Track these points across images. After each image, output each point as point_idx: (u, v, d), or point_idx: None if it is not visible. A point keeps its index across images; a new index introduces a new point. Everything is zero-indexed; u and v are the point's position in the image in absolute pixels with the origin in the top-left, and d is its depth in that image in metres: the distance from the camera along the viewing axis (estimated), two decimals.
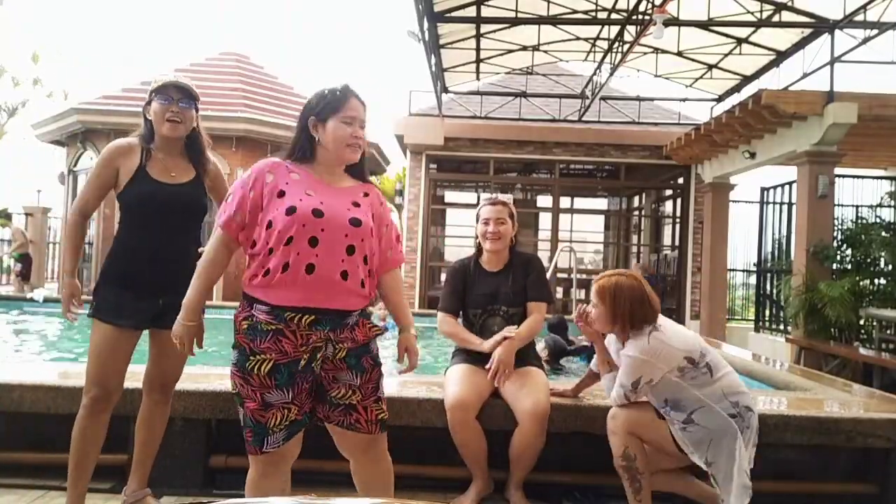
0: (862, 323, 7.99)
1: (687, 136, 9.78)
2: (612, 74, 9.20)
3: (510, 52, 10.44)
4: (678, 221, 11.60)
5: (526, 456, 2.70)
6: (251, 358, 1.87)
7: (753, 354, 5.16)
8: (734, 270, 11.63)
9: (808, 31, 8.50)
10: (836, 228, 8.13)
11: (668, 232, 12.76)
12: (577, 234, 12.48)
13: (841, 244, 8.07)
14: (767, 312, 10.30)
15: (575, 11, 8.87)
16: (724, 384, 2.47)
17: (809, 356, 7.49)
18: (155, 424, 2.54)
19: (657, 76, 10.92)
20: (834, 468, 2.93)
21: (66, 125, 10.70)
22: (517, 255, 3.07)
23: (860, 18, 7.66)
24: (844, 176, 9.14)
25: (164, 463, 2.65)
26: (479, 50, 10.16)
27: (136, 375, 2.99)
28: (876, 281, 8.11)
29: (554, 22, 8.94)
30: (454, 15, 8.57)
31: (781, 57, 9.35)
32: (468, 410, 2.70)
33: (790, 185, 9.28)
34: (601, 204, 15.25)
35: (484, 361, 2.85)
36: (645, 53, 10.06)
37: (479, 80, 11.68)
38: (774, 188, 10.05)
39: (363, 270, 1.96)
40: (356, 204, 2.01)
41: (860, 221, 8.45)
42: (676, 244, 11.64)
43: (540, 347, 5.77)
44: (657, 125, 11.50)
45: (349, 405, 1.95)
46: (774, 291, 9.88)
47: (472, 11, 8.73)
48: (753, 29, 8.74)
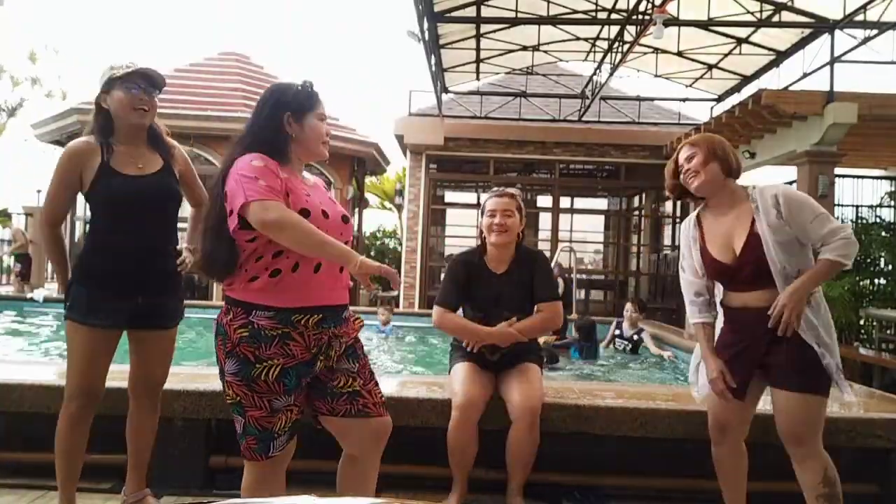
0: (862, 323, 7.98)
1: (687, 136, 9.78)
2: (612, 74, 9.19)
3: (510, 52, 10.43)
4: (678, 221, 11.59)
5: (522, 456, 2.65)
6: (256, 365, 1.80)
7: None
8: None
9: (808, 31, 8.50)
10: None
11: (668, 232, 12.76)
12: (577, 234, 12.49)
13: None
14: None
15: (575, 11, 8.86)
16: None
17: None
18: (145, 431, 2.48)
19: (657, 76, 10.91)
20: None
21: (65, 125, 10.67)
22: (523, 252, 2.91)
23: (860, 18, 7.66)
24: (844, 176, 9.13)
25: (164, 463, 2.65)
26: (479, 50, 10.16)
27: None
28: (876, 281, 8.11)
29: (554, 22, 8.93)
30: (454, 15, 8.57)
31: (781, 57, 9.35)
32: (476, 411, 2.66)
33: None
34: (601, 204, 15.25)
35: (485, 358, 2.82)
36: (645, 53, 10.05)
37: (479, 80, 11.67)
38: None
39: None
40: (331, 200, 2.06)
41: (860, 221, 8.45)
42: (676, 244, 11.63)
43: (630, 308, 6.35)
44: (657, 125, 11.49)
45: (353, 392, 1.97)
46: None
47: (472, 11, 8.73)
48: (753, 29, 8.73)
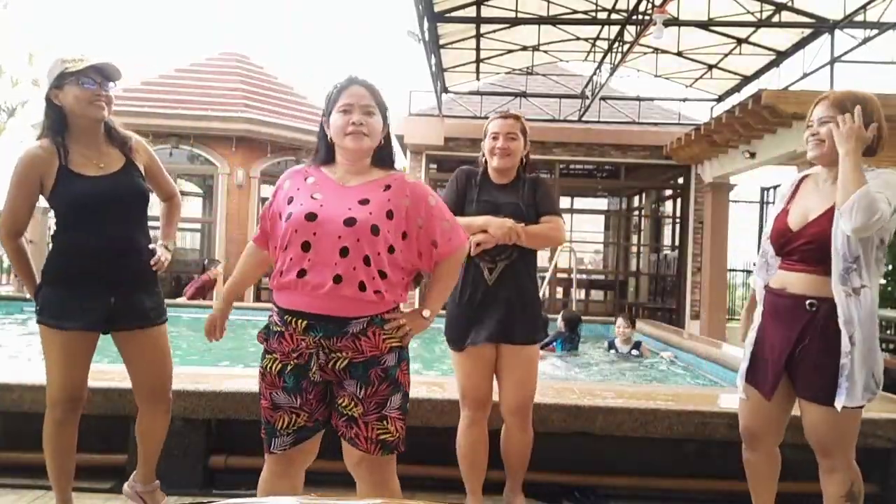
0: None
1: (687, 136, 9.77)
2: (612, 74, 9.20)
3: (510, 52, 10.44)
4: (678, 221, 11.59)
5: (517, 455, 2.60)
6: (267, 356, 1.93)
7: None
8: (734, 270, 11.62)
9: (808, 31, 8.51)
10: None
11: (668, 232, 12.76)
12: (576, 234, 12.48)
13: None
14: None
15: (575, 11, 8.87)
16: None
17: None
18: (155, 433, 2.45)
19: (657, 76, 10.93)
20: None
21: None
22: (525, 175, 2.74)
23: (860, 18, 7.67)
24: None
25: (164, 463, 2.65)
26: (479, 50, 10.17)
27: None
28: None
29: (554, 22, 8.94)
30: (454, 15, 8.58)
31: (781, 57, 9.36)
32: (487, 409, 2.57)
33: None
34: (601, 204, 15.24)
35: (478, 327, 2.51)
36: (645, 53, 10.06)
37: (479, 80, 11.68)
38: (774, 188, 10.05)
39: (363, 273, 1.81)
40: (364, 202, 1.86)
41: None
42: (676, 244, 11.64)
43: (622, 323, 6.33)
44: (657, 125, 11.49)
45: (350, 417, 1.87)
46: None
47: (472, 11, 8.74)
48: (753, 29, 8.74)
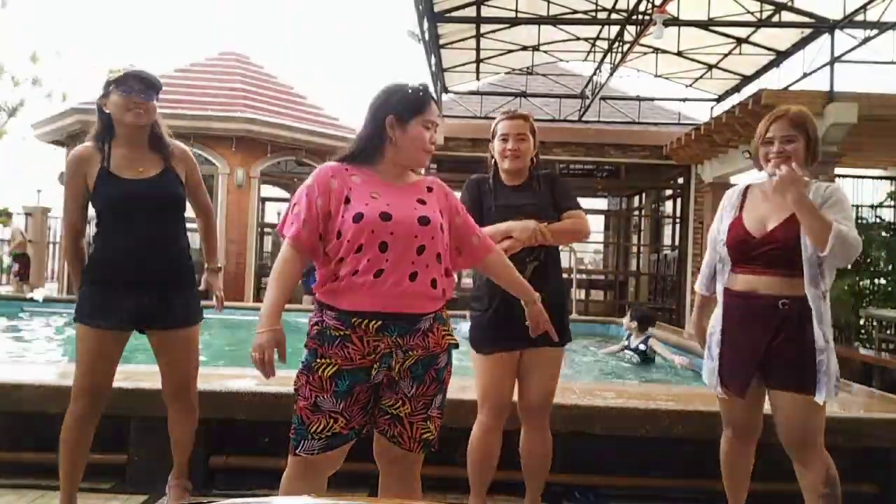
0: (862, 323, 7.98)
1: (687, 136, 9.78)
2: (612, 74, 9.20)
3: (510, 52, 10.44)
4: (678, 221, 11.59)
5: (539, 457, 2.54)
6: (318, 360, 1.84)
7: None
8: None
9: (808, 31, 8.50)
10: None
11: (668, 232, 12.76)
12: None
13: None
14: None
15: (575, 11, 8.88)
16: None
17: None
18: (182, 432, 2.51)
19: (657, 76, 10.93)
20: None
21: (65, 125, 10.67)
22: (538, 172, 2.70)
23: (860, 18, 7.67)
24: (844, 176, 9.13)
25: (164, 463, 2.65)
26: (479, 50, 10.17)
27: (136, 375, 2.99)
28: (876, 281, 8.11)
29: (554, 22, 8.95)
30: (454, 15, 8.58)
31: (781, 57, 9.36)
32: (504, 416, 2.51)
33: None
34: (601, 204, 15.26)
35: (507, 334, 2.39)
36: (645, 53, 10.06)
37: (479, 80, 11.69)
38: None
39: (435, 270, 1.88)
40: (422, 201, 1.91)
41: (860, 221, 8.43)
42: (676, 244, 11.64)
43: (627, 320, 6.13)
44: (657, 125, 11.50)
45: (396, 416, 1.88)
46: None
47: (472, 11, 8.74)
48: (753, 29, 8.74)
